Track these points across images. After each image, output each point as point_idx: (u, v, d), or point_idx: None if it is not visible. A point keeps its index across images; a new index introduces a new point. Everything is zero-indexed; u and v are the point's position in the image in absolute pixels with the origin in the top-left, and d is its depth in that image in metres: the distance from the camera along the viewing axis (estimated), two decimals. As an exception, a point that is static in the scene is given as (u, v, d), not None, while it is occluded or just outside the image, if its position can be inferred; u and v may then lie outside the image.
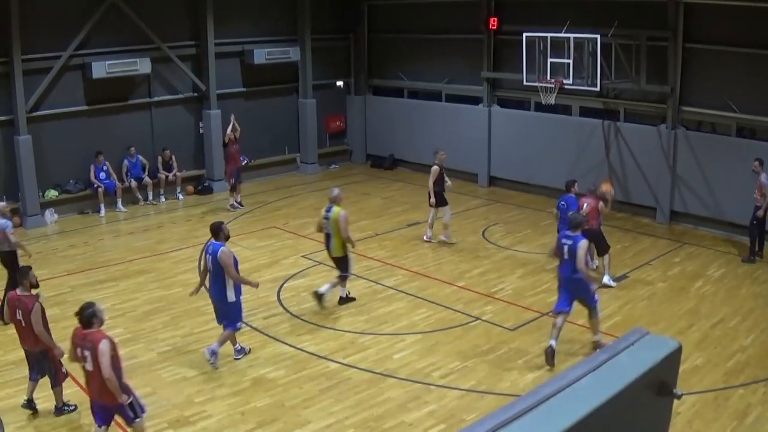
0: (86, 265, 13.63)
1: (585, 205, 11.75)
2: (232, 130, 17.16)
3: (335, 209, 11.13)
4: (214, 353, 9.34)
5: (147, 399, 8.25)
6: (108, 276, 13.00)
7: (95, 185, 17.00)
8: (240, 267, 9.56)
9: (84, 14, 16.59)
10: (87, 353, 6.98)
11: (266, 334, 10.39)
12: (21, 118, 15.90)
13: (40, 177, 16.32)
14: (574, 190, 12.21)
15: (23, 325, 8.18)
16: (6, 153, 16.08)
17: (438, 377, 9.15)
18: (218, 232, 9.39)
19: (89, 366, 6.99)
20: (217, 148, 18.50)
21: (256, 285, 9.82)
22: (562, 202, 12.14)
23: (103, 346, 6.83)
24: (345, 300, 11.52)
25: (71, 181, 17.06)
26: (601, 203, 11.94)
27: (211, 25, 18.32)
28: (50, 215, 16.50)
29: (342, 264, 11.37)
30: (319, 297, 11.29)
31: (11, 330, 10.34)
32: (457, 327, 10.62)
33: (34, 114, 16.29)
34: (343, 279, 11.44)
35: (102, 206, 17.00)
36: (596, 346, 9.36)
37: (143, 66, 17.25)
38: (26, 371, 8.57)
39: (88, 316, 7.06)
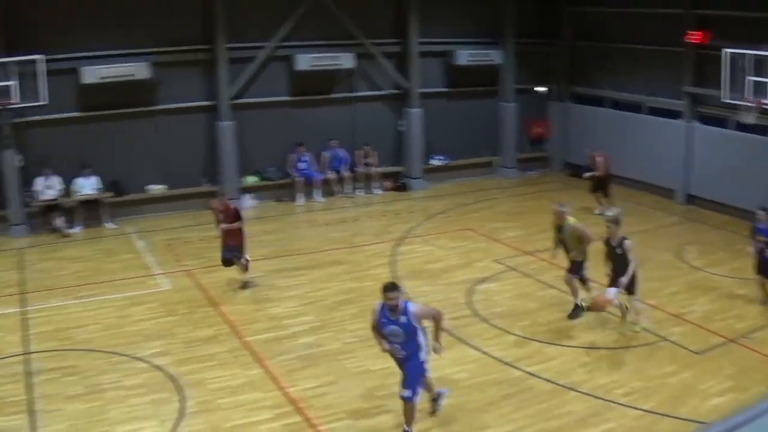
0: (280, 252, 14.35)
1: None
2: None
3: (570, 220, 11.09)
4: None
5: (329, 388, 8.69)
6: (301, 264, 13.58)
7: (294, 174, 17.83)
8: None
9: (290, 6, 17.45)
10: None
11: (453, 335, 10.33)
12: (224, 104, 17.06)
13: (240, 162, 17.41)
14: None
15: None
16: (209, 138, 17.30)
17: (620, 395, 8.84)
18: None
19: None
20: (417, 147, 19.01)
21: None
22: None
23: None
24: (579, 310, 11.27)
25: (271, 168, 18.01)
26: None
27: (416, 23, 18.67)
28: (248, 200, 17.54)
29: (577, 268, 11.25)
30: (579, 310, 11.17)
31: (203, 308, 11.46)
32: (643, 346, 10.20)
33: (238, 101, 17.39)
34: (583, 283, 11.31)
35: (300, 195, 17.82)
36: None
37: (346, 61, 17.91)
38: (212, 349, 9.54)
39: None
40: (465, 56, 19.34)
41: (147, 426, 8.15)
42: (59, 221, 15.62)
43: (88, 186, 16.00)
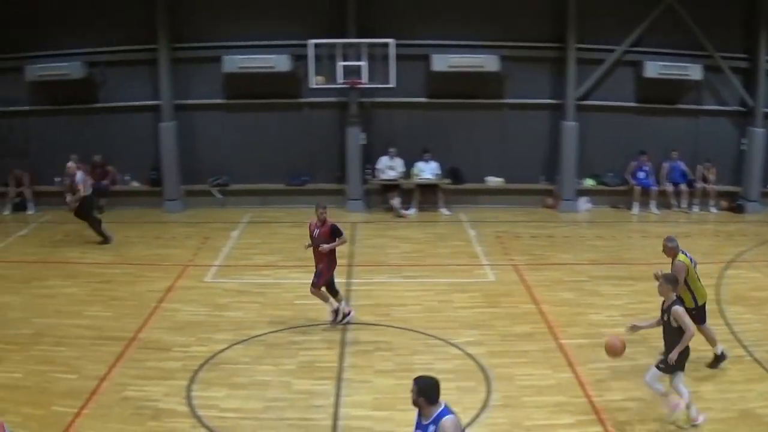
0: (609, 259, 14.00)
1: None
2: None
3: (680, 256, 9.48)
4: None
5: (633, 403, 8.20)
6: (628, 274, 13.07)
7: (632, 182, 17.29)
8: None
9: (640, 11, 16.90)
10: None
11: (765, 368, 9.41)
12: (570, 104, 17.08)
13: (580, 164, 17.23)
14: None
15: None
16: (551, 136, 17.44)
17: None
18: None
19: None
20: (756, 168, 17.50)
21: None
22: None
23: None
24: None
25: (609, 173, 17.64)
26: None
27: (765, 39, 17.14)
28: (584, 203, 17.37)
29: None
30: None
31: (524, 305, 11.36)
32: None
33: (583, 102, 17.28)
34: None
35: (636, 204, 17.27)
36: None
37: (694, 72, 17.12)
38: (526, 346, 9.52)
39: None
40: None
41: (449, 412, 8.42)
42: (396, 201, 16.70)
43: (427, 170, 16.91)
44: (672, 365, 8.02)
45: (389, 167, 16.95)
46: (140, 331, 11.13)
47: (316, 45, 16.19)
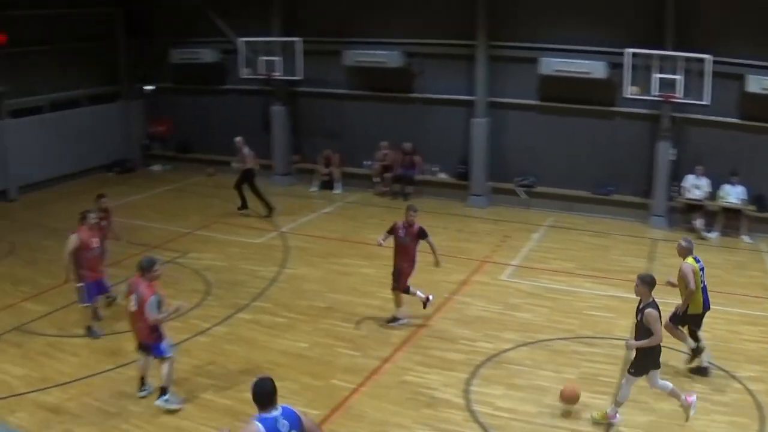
0: None
1: None
2: None
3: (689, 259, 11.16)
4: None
5: None
6: None
7: None
8: None
9: None
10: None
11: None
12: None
13: None
14: None
15: None
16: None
17: None
18: None
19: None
20: None
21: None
22: None
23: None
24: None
25: None
26: None
27: None
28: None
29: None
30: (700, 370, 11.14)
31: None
32: None
33: None
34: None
35: None
36: None
37: None
38: None
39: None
40: None
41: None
42: (699, 222, 17.98)
43: (733, 194, 17.98)
44: (642, 367, 9.57)
45: (695, 186, 18.19)
46: (430, 320, 13.17)
47: (633, 54, 17.81)
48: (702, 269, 11.20)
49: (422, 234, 13.00)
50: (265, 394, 6.52)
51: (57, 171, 23.63)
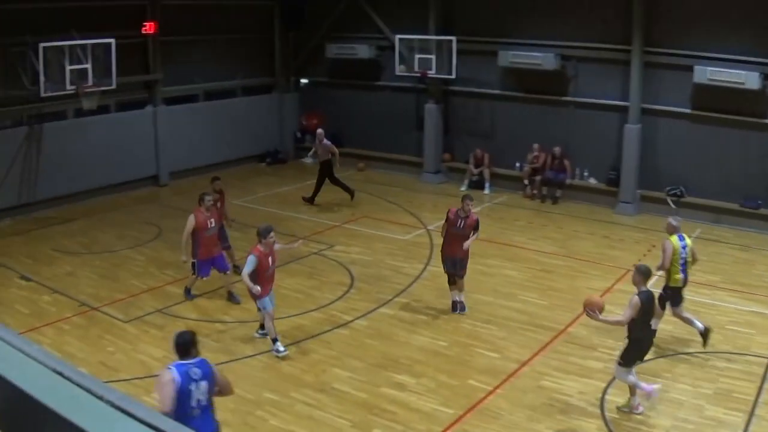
0: None
1: None
2: None
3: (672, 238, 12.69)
4: None
5: None
6: None
7: None
8: None
9: None
10: None
11: None
12: None
13: None
14: None
15: None
16: None
17: None
18: None
19: None
20: None
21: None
22: None
23: None
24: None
25: None
26: None
27: None
28: None
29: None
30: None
31: None
32: None
33: None
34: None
35: None
36: None
37: None
38: None
39: None
40: None
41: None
42: None
43: None
44: (627, 359, 10.63)
45: None
46: (571, 325, 13.77)
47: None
48: (684, 247, 12.99)
49: (478, 225, 14.33)
50: (183, 344, 7.94)
51: (208, 159, 25.99)
